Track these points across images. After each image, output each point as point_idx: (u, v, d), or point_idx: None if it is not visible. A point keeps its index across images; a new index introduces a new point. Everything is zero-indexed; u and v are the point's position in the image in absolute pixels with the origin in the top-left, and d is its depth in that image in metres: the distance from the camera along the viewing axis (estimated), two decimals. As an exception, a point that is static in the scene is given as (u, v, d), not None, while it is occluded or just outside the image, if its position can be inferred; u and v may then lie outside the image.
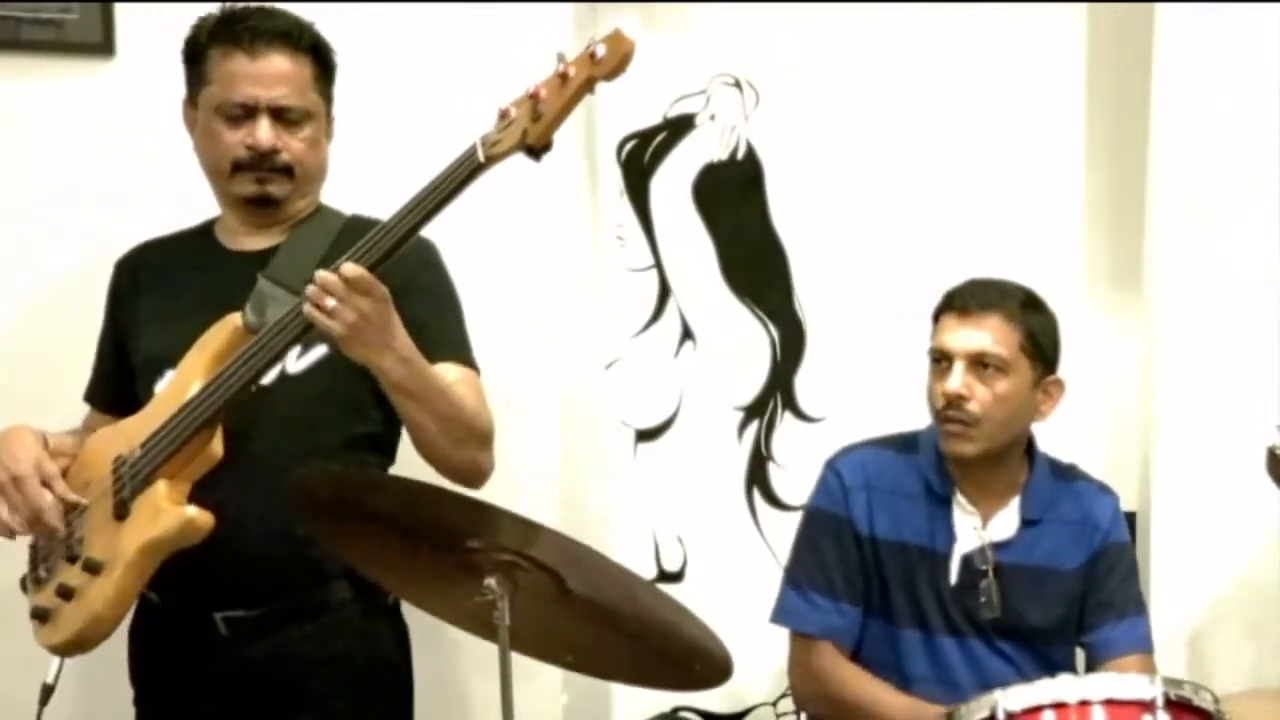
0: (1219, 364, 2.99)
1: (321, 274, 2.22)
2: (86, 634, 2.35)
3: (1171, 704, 2.18)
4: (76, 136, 2.90)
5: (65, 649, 2.38)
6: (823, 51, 3.27)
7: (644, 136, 3.31)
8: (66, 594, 2.36)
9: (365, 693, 2.51)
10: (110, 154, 2.86)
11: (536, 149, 2.16)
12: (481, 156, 2.18)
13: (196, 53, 2.46)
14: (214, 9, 2.47)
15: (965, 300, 2.64)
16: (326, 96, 2.50)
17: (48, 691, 2.38)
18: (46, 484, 2.38)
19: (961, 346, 2.62)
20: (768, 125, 3.30)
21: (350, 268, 2.21)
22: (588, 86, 2.13)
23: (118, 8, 2.87)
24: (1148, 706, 2.18)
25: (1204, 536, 3.00)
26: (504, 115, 2.18)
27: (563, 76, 2.12)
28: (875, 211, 3.29)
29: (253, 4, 2.50)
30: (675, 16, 3.26)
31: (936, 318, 2.68)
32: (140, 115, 2.79)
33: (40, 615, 2.41)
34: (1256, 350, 2.98)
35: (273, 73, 2.41)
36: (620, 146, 3.31)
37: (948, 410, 2.61)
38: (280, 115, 2.42)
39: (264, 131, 2.41)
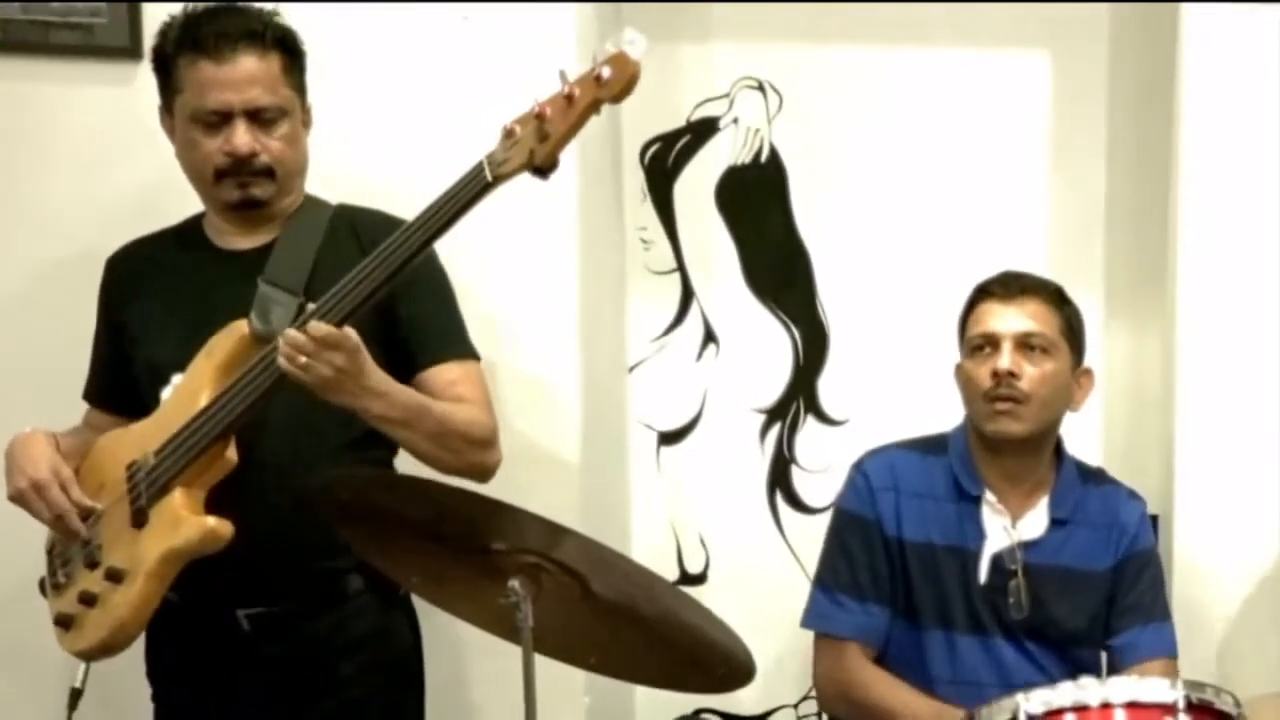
0: (1242, 366, 2.98)
1: (290, 334, 2.24)
2: (112, 640, 2.39)
3: (1193, 707, 2.18)
4: (105, 139, 2.92)
5: (91, 655, 2.42)
6: (846, 54, 3.27)
7: (667, 140, 3.32)
8: (89, 601, 2.39)
9: (381, 679, 2.55)
10: (138, 157, 2.87)
11: (544, 169, 2.18)
12: (489, 176, 2.20)
13: (164, 61, 2.46)
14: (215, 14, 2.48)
15: (1007, 286, 2.69)
16: (299, 88, 2.49)
17: (76, 695, 2.42)
18: (64, 489, 2.41)
19: (1009, 328, 2.65)
20: (791, 128, 3.30)
21: (317, 327, 2.22)
22: (593, 108, 2.15)
23: (146, 11, 2.88)
24: (1169, 709, 2.18)
25: (1227, 540, 2.99)
26: (509, 134, 2.20)
27: (568, 98, 2.14)
28: (897, 214, 3.29)
29: (216, 4, 2.49)
30: (698, 20, 3.26)
31: (971, 308, 2.72)
32: (168, 119, 2.81)
33: (63, 622, 2.45)
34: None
35: (242, 75, 2.40)
36: (644, 150, 3.32)
37: (998, 389, 2.63)
38: (255, 116, 2.41)
39: (240, 136, 2.41)
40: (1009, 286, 2.69)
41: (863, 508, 2.73)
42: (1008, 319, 2.66)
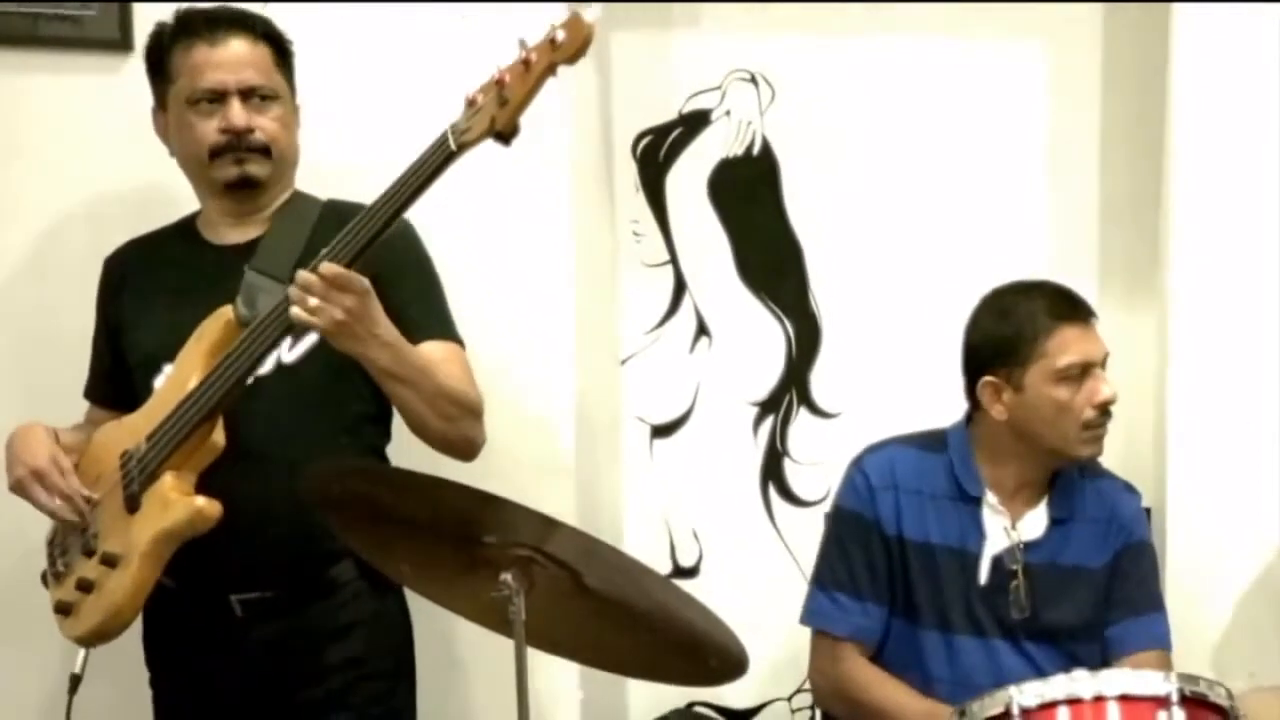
0: (1235, 360, 2.98)
1: (302, 274, 2.26)
2: (108, 625, 2.41)
3: (1186, 700, 2.18)
4: (94, 132, 2.91)
5: (89, 640, 2.45)
6: (838, 47, 3.27)
7: (660, 132, 3.31)
8: (86, 587, 2.42)
9: (373, 667, 2.56)
10: (127, 149, 2.86)
11: (505, 134, 2.21)
12: (453, 145, 2.24)
13: (159, 56, 2.52)
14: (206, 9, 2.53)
15: (1080, 308, 2.65)
16: (289, 82, 2.54)
17: (76, 681, 2.44)
18: (62, 477, 2.44)
19: (1099, 354, 2.64)
20: (783, 121, 3.29)
21: (329, 267, 2.26)
22: (550, 71, 2.19)
23: (136, 4, 2.88)
24: (1163, 702, 2.17)
25: (1220, 532, 2.99)
26: (471, 103, 2.24)
27: (525, 63, 2.19)
28: (890, 207, 3.28)
29: (206, 2, 2.56)
30: (690, 12, 3.26)
31: (1048, 333, 2.60)
32: (158, 112, 2.80)
33: (63, 609, 2.48)
34: (1272, 347, 2.97)
35: (236, 56, 2.47)
36: (636, 142, 3.31)
37: (1100, 417, 2.63)
38: (249, 96, 2.47)
39: (236, 112, 2.46)
40: (1081, 309, 2.65)
41: (862, 507, 2.71)
42: (1096, 344, 2.64)
